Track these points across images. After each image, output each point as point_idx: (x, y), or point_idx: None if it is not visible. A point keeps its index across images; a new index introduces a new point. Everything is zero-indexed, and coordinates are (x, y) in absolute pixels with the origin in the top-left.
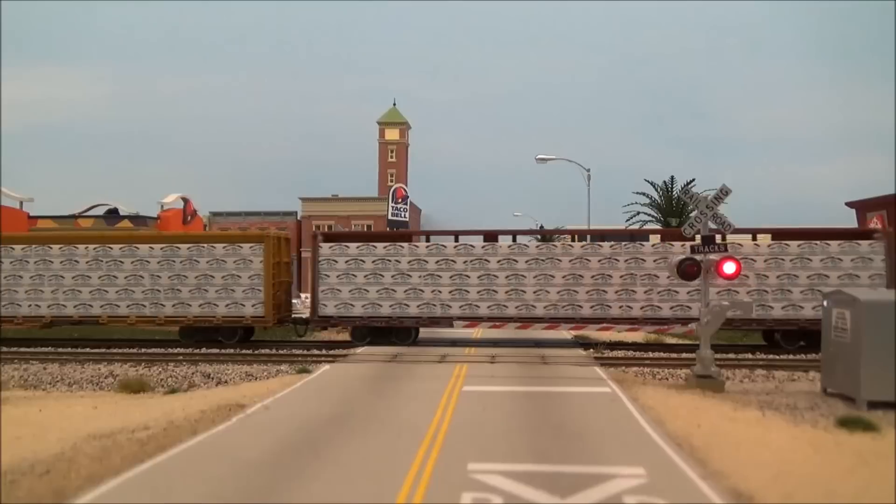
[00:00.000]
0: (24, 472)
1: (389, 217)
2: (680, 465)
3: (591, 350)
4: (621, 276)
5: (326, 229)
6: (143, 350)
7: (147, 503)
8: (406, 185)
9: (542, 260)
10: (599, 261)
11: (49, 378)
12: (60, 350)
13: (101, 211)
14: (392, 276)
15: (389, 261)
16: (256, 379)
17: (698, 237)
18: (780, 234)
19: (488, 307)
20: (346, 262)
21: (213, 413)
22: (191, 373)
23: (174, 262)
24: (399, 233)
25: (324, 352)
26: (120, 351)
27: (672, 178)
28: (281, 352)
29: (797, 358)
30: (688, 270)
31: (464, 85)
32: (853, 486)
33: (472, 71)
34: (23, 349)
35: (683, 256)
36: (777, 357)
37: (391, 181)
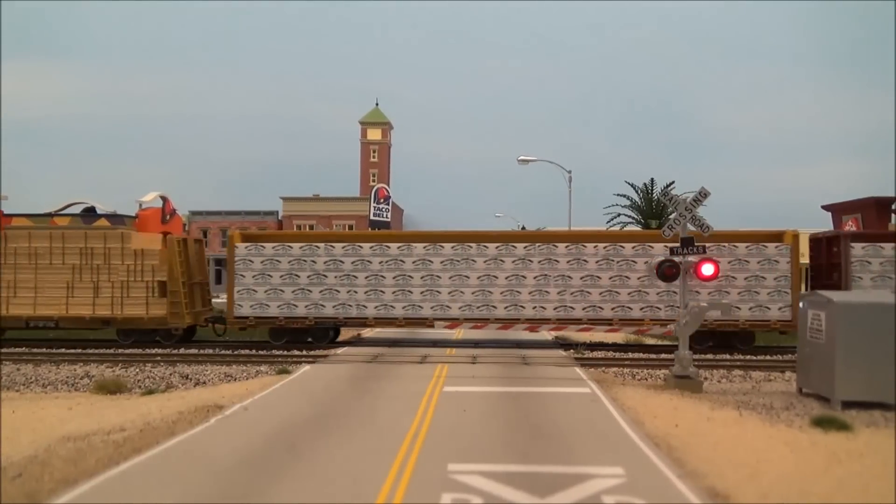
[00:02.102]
0: None
1: (371, 217)
2: (658, 464)
3: (572, 351)
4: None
5: (307, 229)
6: (120, 351)
7: None
8: (388, 186)
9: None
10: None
11: (23, 379)
12: (35, 350)
13: (77, 209)
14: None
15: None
16: (235, 380)
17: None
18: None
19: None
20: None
21: (190, 414)
22: (169, 374)
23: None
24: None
25: (304, 352)
26: (96, 351)
27: (652, 180)
28: (261, 352)
29: (773, 359)
30: (667, 272)
31: (446, 86)
32: (827, 485)
33: (454, 72)
34: None
35: (663, 258)
36: (754, 358)
37: (373, 181)
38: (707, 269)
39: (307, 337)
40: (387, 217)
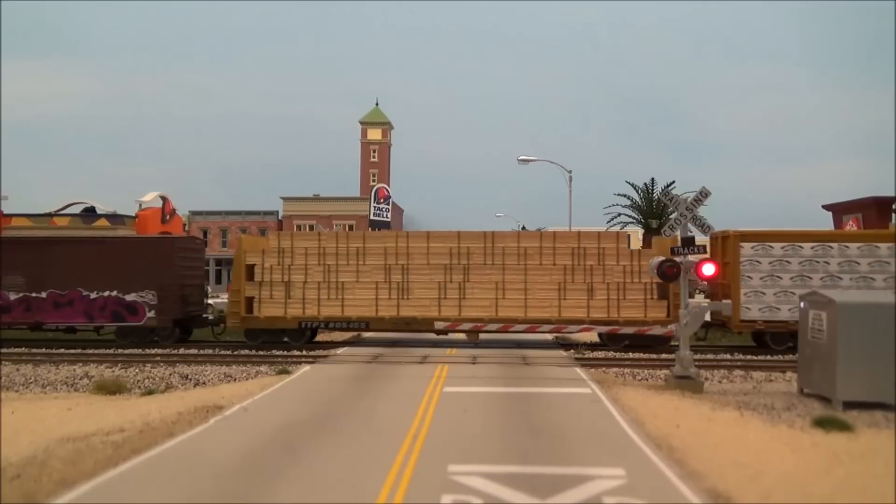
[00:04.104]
0: None
1: (371, 217)
2: (659, 465)
3: (572, 351)
4: None
5: (308, 229)
6: (120, 351)
7: None
8: (388, 185)
9: None
10: None
11: (22, 379)
12: (34, 351)
13: (77, 210)
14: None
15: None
16: (235, 380)
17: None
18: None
19: None
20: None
21: (190, 415)
22: (168, 374)
23: None
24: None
25: (304, 352)
26: (96, 352)
27: (653, 180)
28: (260, 353)
29: (774, 359)
30: (668, 272)
31: (446, 86)
32: (829, 486)
33: (454, 72)
34: None
35: (663, 258)
36: (755, 358)
37: (373, 181)
38: (707, 269)
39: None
40: (387, 217)
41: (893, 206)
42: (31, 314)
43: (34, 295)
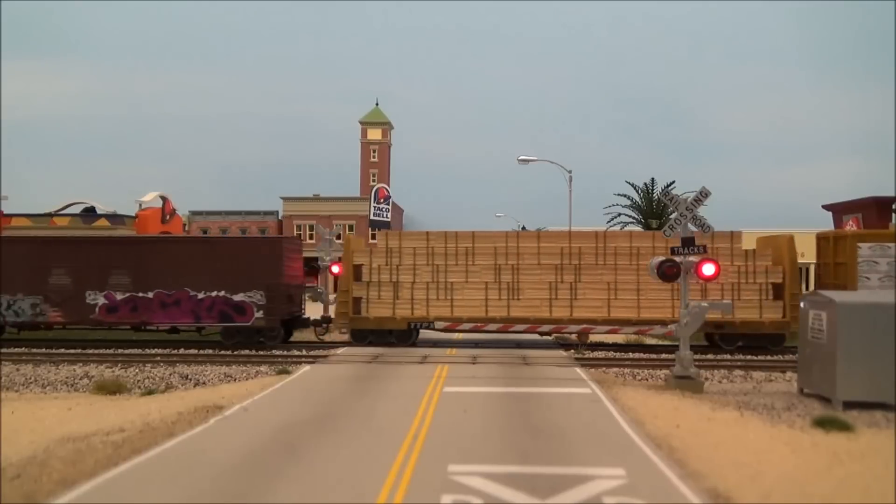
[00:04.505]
0: None
1: (371, 217)
2: (659, 465)
3: (572, 351)
4: None
5: (308, 229)
6: (120, 351)
7: None
8: (388, 186)
9: None
10: None
11: (22, 379)
12: (34, 350)
13: (77, 209)
14: None
15: None
16: (235, 380)
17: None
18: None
19: None
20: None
21: (190, 415)
22: (168, 374)
23: None
24: None
25: (304, 352)
26: (96, 352)
27: (653, 180)
28: (260, 353)
29: (774, 359)
30: (667, 272)
31: (446, 86)
32: (829, 486)
33: (454, 72)
34: None
35: (664, 258)
36: (755, 358)
37: (373, 181)
38: (708, 269)
39: None
40: (387, 217)
41: (894, 206)
42: (137, 314)
43: (140, 295)
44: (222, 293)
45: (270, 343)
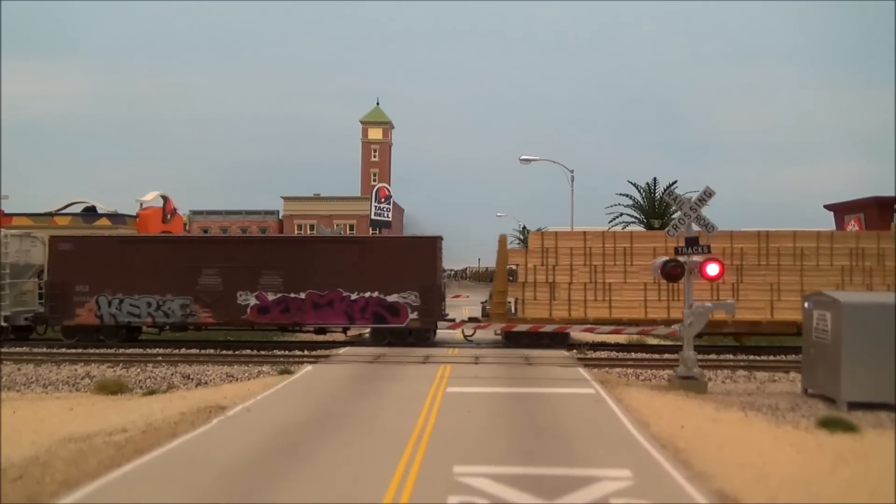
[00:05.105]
0: None
1: (372, 217)
2: (665, 466)
3: (575, 351)
4: None
5: (308, 229)
6: (122, 351)
7: None
8: (389, 185)
9: None
10: None
11: (24, 379)
12: (35, 350)
13: (77, 209)
14: None
15: None
16: (237, 380)
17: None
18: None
19: None
20: None
21: (192, 415)
22: (170, 374)
23: None
24: None
25: (306, 352)
26: (97, 351)
27: (655, 179)
28: (262, 352)
29: (778, 359)
30: (672, 272)
31: (446, 86)
32: (834, 487)
33: (454, 72)
34: None
35: (668, 258)
36: (758, 358)
37: (374, 181)
38: (712, 269)
39: None
40: (388, 217)
41: (895, 206)
42: (289, 315)
43: (292, 295)
44: (376, 294)
45: (420, 344)
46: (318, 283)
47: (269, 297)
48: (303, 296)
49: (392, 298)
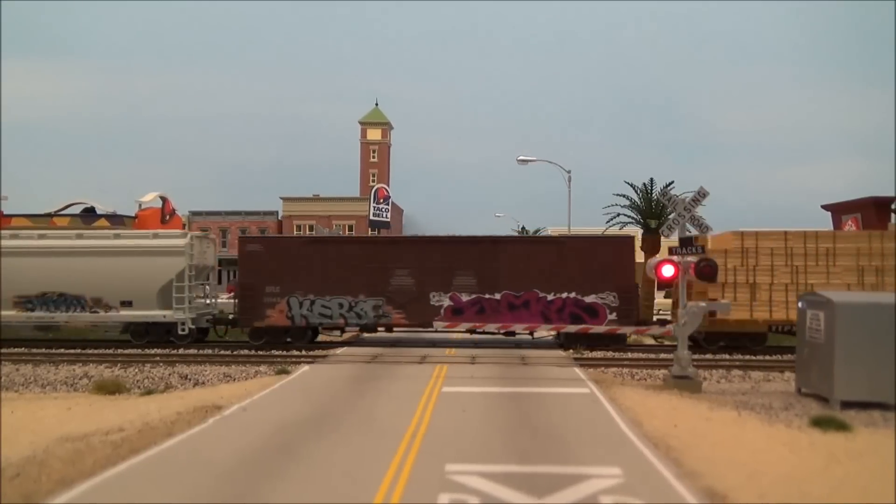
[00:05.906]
0: None
1: (371, 217)
2: (656, 465)
3: (571, 351)
4: None
5: (307, 229)
6: (119, 351)
7: None
8: (388, 186)
9: None
10: None
11: (22, 379)
12: (34, 350)
13: (77, 210)
14: None
15: None
16: (234, 380)
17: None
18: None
19: None
20: None
21: (189, 415)
22: (168, 374)
23: None
24: None
25: (303, 352)
26: (95, 352)
27: (651, 180)
28: (260, 353)
29: (772, 359)
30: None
31: (446, 86)
32: (826, 486)
33: (454, 72)
34: None
35: (663, 258)
36: (753, 358)
37: (373, 181)
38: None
39: None
40: (386, 217)
41: (893, 206)
42: (484, 316)
43: (487, 296)
44: (573, 294)
45: (615, 345)
46: (513, 284)
47: (462, 298)
48: (498, 297)
49: (590, 299)
